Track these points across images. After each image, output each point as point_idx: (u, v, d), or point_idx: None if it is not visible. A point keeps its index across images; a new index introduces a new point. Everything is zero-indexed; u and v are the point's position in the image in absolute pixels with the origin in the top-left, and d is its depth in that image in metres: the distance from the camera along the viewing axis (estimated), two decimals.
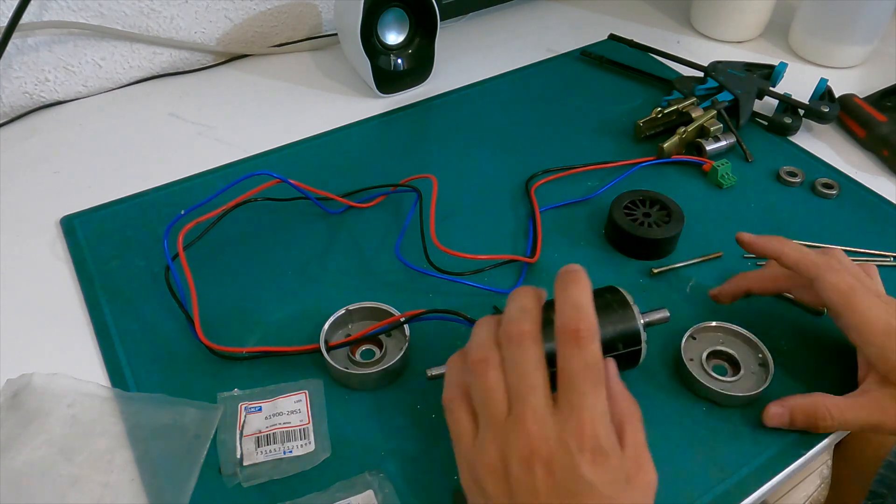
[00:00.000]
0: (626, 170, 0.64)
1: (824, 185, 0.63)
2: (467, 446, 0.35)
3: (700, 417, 0.46)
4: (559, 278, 0.36)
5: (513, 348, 0.34)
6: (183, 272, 0.49)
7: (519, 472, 0.32)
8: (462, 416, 0.36)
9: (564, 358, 0.33)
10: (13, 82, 0.71)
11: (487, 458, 0.33)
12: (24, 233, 0.59)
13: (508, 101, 0.74)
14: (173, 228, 0.50)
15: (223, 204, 0.53)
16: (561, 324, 0.34)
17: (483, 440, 0.34)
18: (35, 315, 0.52)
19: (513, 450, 0.32)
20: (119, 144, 0.68)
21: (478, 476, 0.34)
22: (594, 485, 0.31)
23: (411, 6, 0.70)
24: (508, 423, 0.33)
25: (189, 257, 0.50)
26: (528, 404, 0.33)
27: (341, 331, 0.50)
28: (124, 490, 0.41)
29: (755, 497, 0.42)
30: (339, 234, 0.58)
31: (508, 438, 0.33)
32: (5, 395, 0.45)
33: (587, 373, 0.33)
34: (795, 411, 0.44)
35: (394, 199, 0.62)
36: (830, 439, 0.45)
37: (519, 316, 0.35)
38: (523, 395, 0.33)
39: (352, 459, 0.43)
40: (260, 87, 0.77)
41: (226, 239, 0.57)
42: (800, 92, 0.70)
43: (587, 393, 0.33)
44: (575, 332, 0.33)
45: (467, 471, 0.35)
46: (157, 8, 0.74)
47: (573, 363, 0.33)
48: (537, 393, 0.33)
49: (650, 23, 0.89)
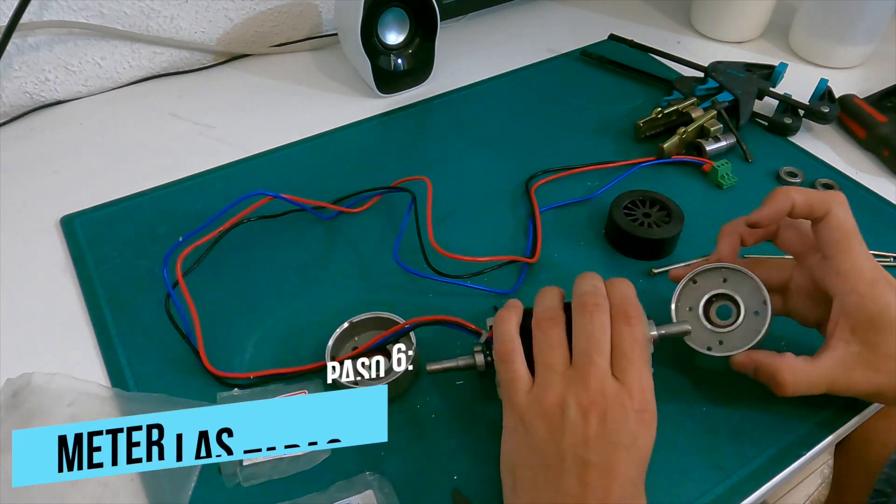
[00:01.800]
0: (626, 170, 0.64)
1: (824, 185, 0.63)
2: (522, 392, 0.38)
3: (700, 417, 0.46)
4: (607, 281, 0.42)
5: (587, 315, 0.39)
6: (185, 300, 0.49)
7: (575, 417, 0.36)
8: (519, 366, 0.39)
9: (618, 333, 0.38)
10: (13, 82, 0.71)
11: (545, 402, 0.37)
12: (24, 233, 0.59)
13: (508, 101, 0.74)
14: (172, 255, 0.50)
15: (219, 226, 0.53)
16: (614, 305, 0.39)
17: (543, 386, 0.38)
18: (35, 315, 0.52)
19: (572, 397, 0.36)
20: (119, 144, 0.68)
21: (528, 418, 0.37)
22: (637, 439, 0.36)
23: (411, 6, 0.70)
24: (571, 373, 0.37)
25: (187, 281, 0.51)
26: (593, 362, 0.37)
27: (347, 344, 0.49)
28: (124, 490, 0.41)
29: (755, 497, 0.42)
30: (337, 239, 0.58)
31: (570, 387, 0.37)
32: (5, 394, 0.45)
33: (638, 348, 0.38)
34: (759, 368, 0.43)
35: (392, 200, 0.62)
36: (831, 439, 0.45)
37: (593, 291, 0.40)
38: (590, 354, 0.37)
39: (352, 459, 0.43)
40: (260, 87, 0.77)
41: (222, 257, 0.56)
42: (800, 92, 0.70)
43: (639, 364, 0.38)
44: (626, 314, 0.39)
45: (516, 415, 0.38)
46: (158, 8, 0.74)
47: (625, 338, 0.38)
48: (604, 355, 0.38)
49: (650, 23, 0.89)
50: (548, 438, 0.36)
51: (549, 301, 0.41)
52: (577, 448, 0.36)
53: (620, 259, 0.56)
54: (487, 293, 0.53)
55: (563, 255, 0.57)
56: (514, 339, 0.40)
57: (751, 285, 0.45)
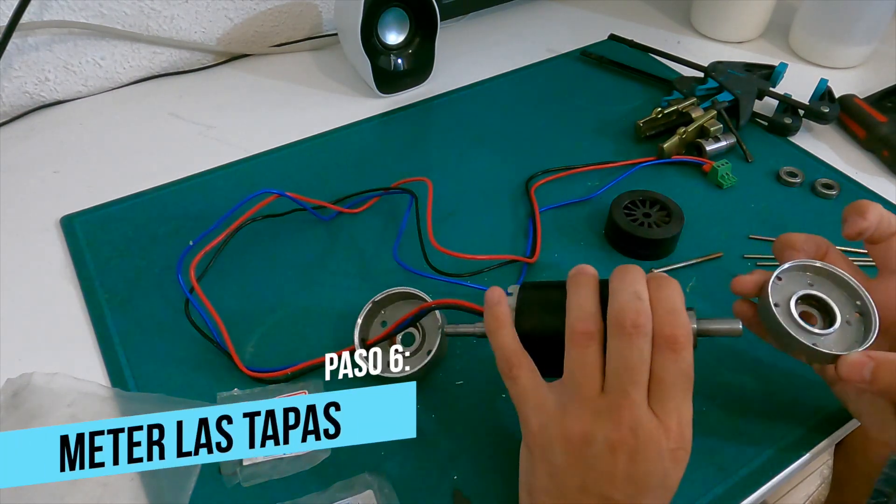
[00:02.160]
0: (626, 170, 0.64)
1: (824, 185, 0.63)
2: (535, 409, 0.35)
3: (700, 417, 0.45)
4: (650, 279, 0.36)
5: (625, 338, 0.34)
6: (203, 304, 0.49)
7: (601, 454, 0.33)
8: (527, 381, 0.36)
9: (660, 364, 0.33)
10: (13, 82, 0.71)
11: (569, 430, 0.34)
12: (24, 233, 0.59)
13: (508, 101, 0.74)
14: (184, 260, 0.50)
15: (227, 227, 0.53)
16: (658, 328, 0.34)
17: (568, 411, 0.34)
18: (35, 315, 0.52)
19: (601, 431, 0.33)
20: (119, 144, 0.68)
21: (545, 442, 0.35)
22: (667, 478, 0.33)
23: (411, 6, 0.70)
24: (602, 404, 0.34)
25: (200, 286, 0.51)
26: (629, 396, 0.33)
27: (375, 320, 0.49)
28: (124, 490, 0.41)
29: (755, 497, 0.42)
30: (338, 238, 0.58)
31: (599, 419, 0.33)
32: (5, 394, 0.45)
33: (681, 380, 0.33)
34: (883, 366, 0.35)
35: (392, 200, 0.62)
36: (831, 439, 0.45)
37: (636, 306, 0.34)
38: (625, 386, 0.33)
39: (351, 460, 0.43)
40: (260, 87, 0.77)
41: (226, 258, 0.56)
42: (800, 92, 0.70)
43: (680, 399, 0.33)
44: (673, 339, 0.33)
45: (531, 434, 0.35)
46: (158, 8, 0.74)
47: (669, 370, 0.33)
48: (640, 389, 0.33)
49: (650, 23, 0.89)
50: (569, 469, 0.34)
51: (586, 304, 0.36)
52: (602, 485, 0.33)
53: (620, 259, 0.56)
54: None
55: (563, 255, 0.57)
56: (516, 352, 0.37)
57: (846, 290, 0.39)
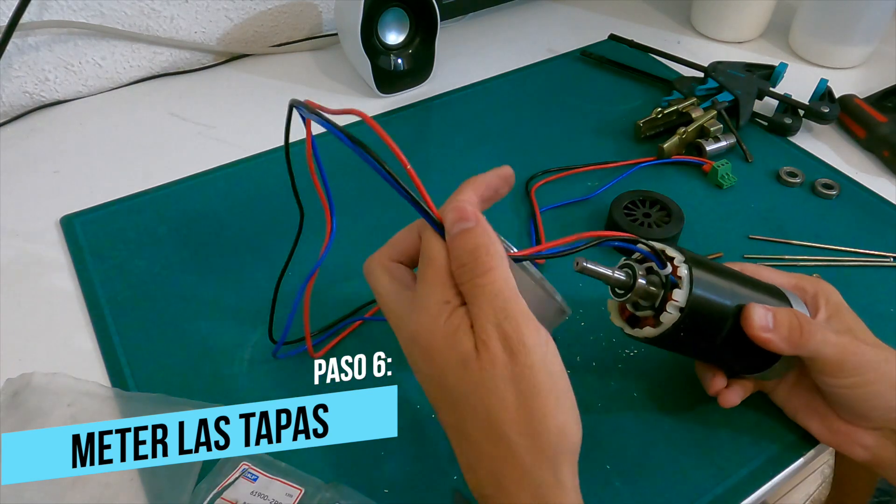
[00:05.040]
0: (626, 170, 0.64)
1: (824, 185, 0.63)
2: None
3: (700, 417, 0.46)
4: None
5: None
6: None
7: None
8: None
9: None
10: (13, 82, 0.71)
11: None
12: (24, 233, 0.59)
13: (508, 101, 0.74)
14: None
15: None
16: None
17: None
18: (35, 315, 0.52)
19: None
20: (119, 144, 0.68)
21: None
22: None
23: (411, 6, 0.70)
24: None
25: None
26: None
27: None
28: (124, 490, 0.41)
29: (755, 497, 0.42)
30: (338, 237, 0.58)
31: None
32: (5, 394, 0.45)
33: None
34: (779, 313, 0.39)
35: (393, 199, 0.61)
36: None
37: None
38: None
39: (351, 460, 0.43)
40: (260, 87, 0.77)
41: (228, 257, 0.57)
42: (800, 92, 0.70)
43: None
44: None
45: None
46: (158, 8, 0.74)
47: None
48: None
49: (650, 23, 0.89)
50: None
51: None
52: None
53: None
54: None
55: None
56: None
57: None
